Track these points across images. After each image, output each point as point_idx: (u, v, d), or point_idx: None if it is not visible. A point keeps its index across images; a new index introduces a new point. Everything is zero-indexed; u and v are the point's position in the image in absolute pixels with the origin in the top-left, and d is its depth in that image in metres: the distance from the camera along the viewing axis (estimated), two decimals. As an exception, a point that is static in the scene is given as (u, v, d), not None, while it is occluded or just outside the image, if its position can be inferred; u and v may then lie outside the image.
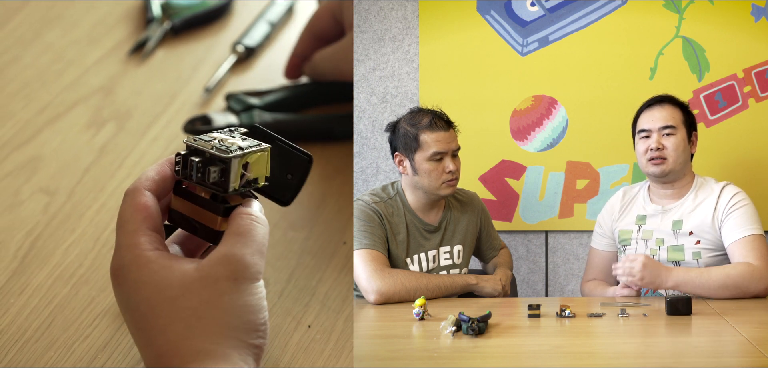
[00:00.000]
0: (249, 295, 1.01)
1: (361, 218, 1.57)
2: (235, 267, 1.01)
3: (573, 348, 1.24)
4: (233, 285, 1.00)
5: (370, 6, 2.03)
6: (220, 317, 0.99)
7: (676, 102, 1.68)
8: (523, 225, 2.02)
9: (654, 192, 1.70)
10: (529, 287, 2.05)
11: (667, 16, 1.96)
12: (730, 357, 1.18)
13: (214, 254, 1.01)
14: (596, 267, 1.76)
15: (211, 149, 1.05)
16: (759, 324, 1.38)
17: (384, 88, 2.03)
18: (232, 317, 0.99)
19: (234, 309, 1.00)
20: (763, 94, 1.96)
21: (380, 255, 1.55)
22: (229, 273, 1.00)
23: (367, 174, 2.04)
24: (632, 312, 1.40)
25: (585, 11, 1.98)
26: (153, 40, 1.61)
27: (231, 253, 1.01)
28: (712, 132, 1.96)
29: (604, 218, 1.76)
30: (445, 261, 1.64)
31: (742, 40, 1.95)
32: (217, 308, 0.99)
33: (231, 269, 1.01)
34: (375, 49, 2.03)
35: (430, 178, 1.59)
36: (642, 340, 1.26)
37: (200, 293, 0.99)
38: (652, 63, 1.98)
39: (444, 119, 1.62)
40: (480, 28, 1.99)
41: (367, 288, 1.52)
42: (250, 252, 1.02)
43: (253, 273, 1.02)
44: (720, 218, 1.62)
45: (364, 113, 2.04)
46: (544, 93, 2.00)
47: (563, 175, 2.00)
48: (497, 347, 1.20)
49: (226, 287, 1.00)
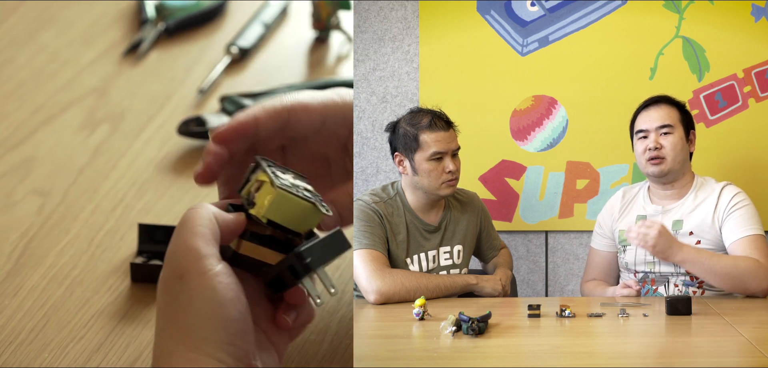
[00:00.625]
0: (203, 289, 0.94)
1: (361, 218, 1.56)
2: (176, 264, 0.95)
3: (573, 348, 1.24)
4: (180, 284, 0.95)
5: (370, 6, 2.03)
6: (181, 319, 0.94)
7: (673, 101, 1.68)
8: (523, 225, 2.02)
9: (654, 192, 1.70)
10: (529, 287, 2.05)
11: (667, 16, 1.96)
12: (730, 357, 1.18)
13: None
14: (596, 268, 1.76)
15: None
16: (759, 324, 1.37)
17: (384, 88, 2.03)
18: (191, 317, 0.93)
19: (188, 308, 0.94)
20: (763, 94, 1.96)
21: (380, 255, 1.55)
22: (172, 272, 0.95)
23: (367, 174, 2.04)
24: (632, 312, 1.40)
25: (585, 11, 1.98)
26: (147, 41, 1.61)
27: (170, 250, 0.96)
28: (712, 132, 1.95)
29: (604, 218, 1.76)
30: (445, 261, 1.64)
31: (742, 40, 1.95)
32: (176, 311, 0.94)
33: (173, 267, 0.96)
34: (375, 49, 2.03)
35: (430, 178, 1.59)
36: (642, 340, 1.26)
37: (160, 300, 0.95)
38: (652, 63, 1.97)
39: (444, 119, 1.62)
40: (480, 28, 1.99)
41: (367, 288, 1.51)
42: (193, 239, 0.95)
43: (201, 266, 0.95)
44: (720, 218, 1.62)
45: (364, 113, 2.03)
46: (544, 93, 1.99)
47: (563, 175, 1.99)
48: (497, 347, 1.20)
49: (176, 287, 0.95)
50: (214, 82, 1.56)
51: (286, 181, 1.03)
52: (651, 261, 1.65)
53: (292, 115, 1.08)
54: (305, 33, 1.65)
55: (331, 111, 1.10)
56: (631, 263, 1.67)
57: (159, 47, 1.63)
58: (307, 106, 1.09)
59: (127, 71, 1.58)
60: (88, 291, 1.23)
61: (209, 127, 1.43)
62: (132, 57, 1.60)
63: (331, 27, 1.62)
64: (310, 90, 1.12)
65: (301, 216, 1.03)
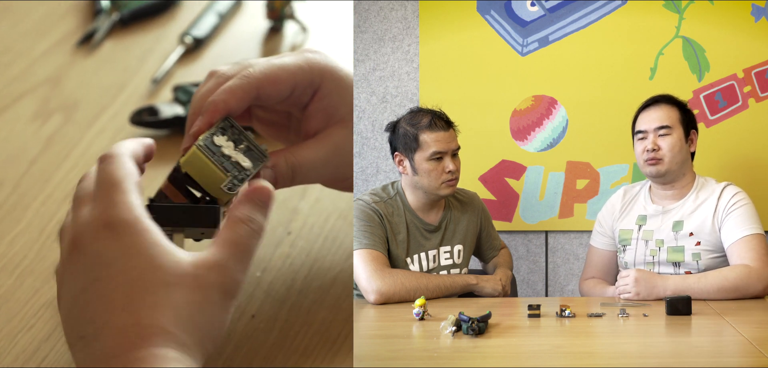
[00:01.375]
0: (229, 312, 0.98)
1: (361, 218, 1.57)
2: (228, 281, 0.97)
3: (573, 348, 1.24)
4: (222, 298, 0.97)
5: (370, 6, 2.03)
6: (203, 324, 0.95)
7: (674, 101, 1.68)
8: (523, 225, 2.02)
9: (655, 192, 1.70)
10: (529, 287, 2.05)
11: (667, 16, 1.96)
12: (730, 357, 1.18)
13: (210, 258, 0.97)
14: (595, 266, 1.76)
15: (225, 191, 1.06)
16: (759, 324, 1.38)
17: (384, 88, 2.03)
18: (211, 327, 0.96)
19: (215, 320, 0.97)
20: (763, 94, 1.96)
21: (380, 255, 1.55)
22: (221, 284, 0.97)
23: (367, 174, 2.04)
24: (632, 312, 1.40)
25: (585, 11, 1.98)
26: (101, 31, 1.61)
27: (228, 265, 0.98)
28: (712, 132, 1.96)
29: (604, 217, 1.76)
30: (445, 260, 1.64)
31: (742, 40, 1.95)
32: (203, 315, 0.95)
33: (224, 281, 0.97)
34: (375, 49, 2.03)
35: (430, 177, 1.59)
36: (642, 340, 1.26)
37: (191, 292, 0.95)
38: (652, 63, 1.97)
39: (444, 119, 1.62)
40: (480, 28, 1.99)
41: (367, 288, 1.51)
42: (242, 269, 0.99)
43: (238, 292, 0.99)
44: (720, 218, 1.62)
45: (364, 113, 2.04)
46: (544, 93, 1.99)
47: (563, 175, 2.00)
48: (497, 347, 1.20)
49: (216, 297, 0.96)
50: (167, 71, 1.55)
51: (218, 144, 1.07)
52: (651, 262, 1.65)
53: (261, 91, 1.11)
54: (259, 23, 1.64)
55: (300, 78, 1.12)
56: (631, 262, 1.68)
57: (113, 37, 1.62)
58: (276, 79, 1.11)
59: (81, 61, 1.58)
60: (38, 281, 1.23)
61: (162, 116, 1.43)
62: (86, 47, 1.60)
63: (285, 16, 1.61)
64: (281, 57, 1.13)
65: (210, 181, 1.06)
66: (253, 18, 1.66)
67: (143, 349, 0.91)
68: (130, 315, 0.92)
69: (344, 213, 1.32)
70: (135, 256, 0.94)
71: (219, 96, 1.09)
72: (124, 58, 1.59)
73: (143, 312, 0.92)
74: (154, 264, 0.94)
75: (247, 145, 1.09)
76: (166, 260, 0.95)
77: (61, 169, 1.40)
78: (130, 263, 0.94)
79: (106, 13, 1.63)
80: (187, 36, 1.60)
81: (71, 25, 1.65)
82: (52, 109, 1.49)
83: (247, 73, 1.10)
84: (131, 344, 0.91)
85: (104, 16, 1.63)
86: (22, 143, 1.44)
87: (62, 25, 1.64)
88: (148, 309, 0.93)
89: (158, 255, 0.95)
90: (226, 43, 1.63)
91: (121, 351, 0.91)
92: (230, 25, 1.67)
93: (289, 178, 1.11)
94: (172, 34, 1.63)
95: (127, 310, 0.93)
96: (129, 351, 0.91)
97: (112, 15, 1.63)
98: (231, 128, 1.09)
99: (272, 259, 1.26)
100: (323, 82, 1.13)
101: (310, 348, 1.14)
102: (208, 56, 1.61)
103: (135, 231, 0.95)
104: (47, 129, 1.46)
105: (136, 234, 0.95)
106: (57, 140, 1.44)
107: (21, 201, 1.35)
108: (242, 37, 1.64)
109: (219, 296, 0.97)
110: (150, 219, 0.97)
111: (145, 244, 0.95)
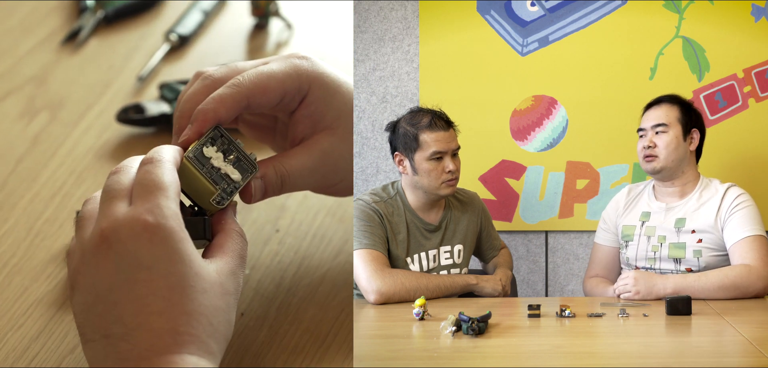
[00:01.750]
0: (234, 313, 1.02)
1: (361, 218, 1.57)
2: (239, 288, 1.03)
3: (573, 348, 1.24)
4: (235, 304, 1.02)
5: (370, 6, 2.03)
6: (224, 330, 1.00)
7: (675, 100, 1.70)
8: (523, 225, 2.02)
9: (658, 190, 1.71)
10: (529, 287, 2.05)
11: (667, 16, 1.96)
12: (730, 357, 1.18)
13: (227, 266, 1.02)
14: (599, 263, 1.76)
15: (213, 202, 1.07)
16: (759, 324, 1.38)
17: (384, 88, 2.03)
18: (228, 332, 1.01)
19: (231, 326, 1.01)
20: (763, 94, 1.96)
21: (380, 255, 1.55)
22: (236, 290, 1.02)
23: (367, 174, 2.04)
24: (632, 312, 1.40)
25: (585, 11, 1.98)
26: (86, 29, 1.61)
27: (238, 273, 1.03)
28: (712, 132, 1.95)
29: (608, 214, 1.77)
30: (445, 260, 1.64)
31: (742, 40, 1.95)
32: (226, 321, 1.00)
33: (237, 288, 1.02)
34: (375, 49, 2.03)
35: (430, 177, 1.59)
36: (642, 340, 1.26)
37: (218, 299, 0.99)
38: (652, 63, 1.97)
39: (444, 119, 1.62)
40: (480, 28, 1.99)
41: (367, 288, 1.51)
42: (243, 276, 1.04)
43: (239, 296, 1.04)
44: (723, 218, 1.63)
45: (364, 113, 2.04)
46: (544, 93, 1.99)
47: (563, 175, 2.00)
48: (497, 347, 1.20)
49: (233, 303, 1.01)
50: (153, 69, 1.55)
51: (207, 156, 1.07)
52: (652, 257, 1.66)
53: (251, 100, 1.11)
54: (244, 20, 1.65)
55: (288, 86, 1.13)
56: (633, 258, 1.68)
57: (98, 35, 1.62)
58: (266, 89, 1.11)
59: (66, 59, 1.58)
60: (26, 279, 1.23)
61: (148, 114, 1.43)
62: (71, 45, 1.60)
63: (271, 14, 1.61)
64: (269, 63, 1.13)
65: (199, 194, 1.07)
66: (238, 15, 1.66)
67: (176, 355, 0.94)
68: (167, 321, 0.95)
69: (332, 211, 1.33)
70: (177, 263, 0.96)
71: (209, 105, 1.09)
72: (109, 55, 1.59)
73: (181, 319, 0.95)
74: (194, 273, 0.97)
75: (236, 156, 1.09)
76: (203, 271, 0.98)
77: (48, 168, 1.40)
78: (171, 269, 0.96)
79: (90, 10, 1.63)
80: (173, 33, 1.60)
81: (56, 23, 1.64)
82: (38, 108, 1.49)
83: (238, 81, 1.10)
84: (165, 348, 0.94)
85: (89, 14, 1.63)
86: (9, 142, 1.44)
87: (47, 23, 1.64)
88: (186, 317, 0.95)
89: (197, 265, 0.98)
90: (212, 41, 1.63)
91: (153, 355, 0.94)
92: (215, 22, 1.67)
93: (278, 187, 1.12)
94: (157, 32, 1.63)
95: (164, 316, 0.95)
96: (161, 355, 0.93)
97: (97, 13, 1.63)
98: (220, 138, 1.09)
99: (260, 257, 1.26)
100: (311, 89, 1.13)
101: (300, 346, 1.14)
102: (194, 53, 1.60)
103: (178, 239, 0.97)
104: (33, 127, 1.46)
105: (179, 241, 0.97)
106: (43, 138, 1.44)
107: (8, 200, 1.35)
108: (227, 35, 1.64)
109: (234, 302, 1.01)
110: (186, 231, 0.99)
111: (186, 253, 0.97)
